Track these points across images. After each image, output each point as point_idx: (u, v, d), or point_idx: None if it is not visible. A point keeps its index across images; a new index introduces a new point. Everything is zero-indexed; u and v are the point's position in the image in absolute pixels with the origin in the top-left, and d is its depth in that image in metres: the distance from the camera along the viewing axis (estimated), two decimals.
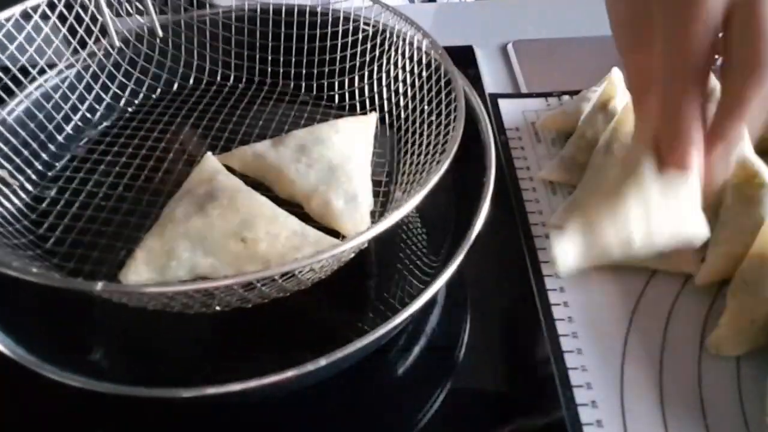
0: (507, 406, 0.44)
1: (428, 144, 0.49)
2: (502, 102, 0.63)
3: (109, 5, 0.55)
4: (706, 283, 0.47)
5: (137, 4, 0.57)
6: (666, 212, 0.38)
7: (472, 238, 0.43)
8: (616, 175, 0.40)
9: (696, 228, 0.40)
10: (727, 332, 0.43)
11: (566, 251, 0.40)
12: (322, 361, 0.37)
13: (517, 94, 0.65)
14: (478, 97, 0.52)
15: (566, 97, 0.63)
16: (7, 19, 0.49)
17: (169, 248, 0.43)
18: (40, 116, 0.53)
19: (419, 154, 0.50)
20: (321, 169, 0.49)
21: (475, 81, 0.66)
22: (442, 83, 0.50)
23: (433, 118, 0.50)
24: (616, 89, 0.54)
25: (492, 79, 0.68)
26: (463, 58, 0.68)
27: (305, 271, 0.39)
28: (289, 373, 0.37)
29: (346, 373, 0.42)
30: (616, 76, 0.55)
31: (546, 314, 0.47)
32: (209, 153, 0.51)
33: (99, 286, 0.34)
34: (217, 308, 0.41)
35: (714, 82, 0.53)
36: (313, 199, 0.48)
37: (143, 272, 0.43)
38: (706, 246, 0.48)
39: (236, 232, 0.43)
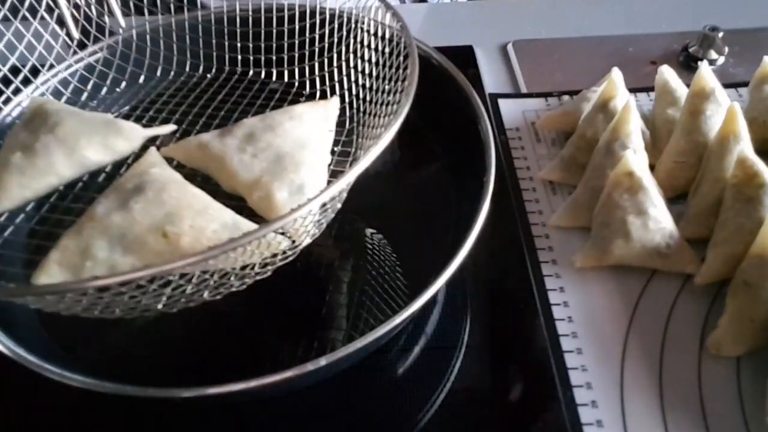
0: (507, 406, 0.44)
1: (383, 126, 0.46)
2: (502, 102, 0.63)
3: None
4: (706, 283, 0.47)
5: None
6: None
7: (473, 238, 0.43)
8: None
9: None
10: (727, 332, 0.43)
11: None
12: (322, 361, 0.37)
13: (517, 94, 0.65)
14: (478, 97, 0.52)
15: (566, 97, 0.63)
16: None
17: (85, 247, 0.40)
18: None
19: (374, 137, 0.46)
20: (266, 159, 0.45)
21: (475, 81, 0.66)
22: (401, 59, 0.47)
23: (391, 97, 0.47)
24: (616, 89, 0.54)
25: (492, 79, 0.68)
26: (463, 58, 0.68)
27: (223, 265, 0.36)
28: (289, 373, 0.37)
29: (346, 373, 0.42)
30: (616, 76, 0.55)
31: (546, 314, 0.47)
32: (152, 147, 0.48)
33: None
34: (146, 313, 0.38)
35: (714, 83, 0.53)
36: (254, 190, 0.44)
37: (56, 274, 0.40)
38: (706, 246, 0.48)
39: (158, 226, 0.40)
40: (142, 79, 0.58)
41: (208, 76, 0.59)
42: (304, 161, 0.45)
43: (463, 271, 0.45)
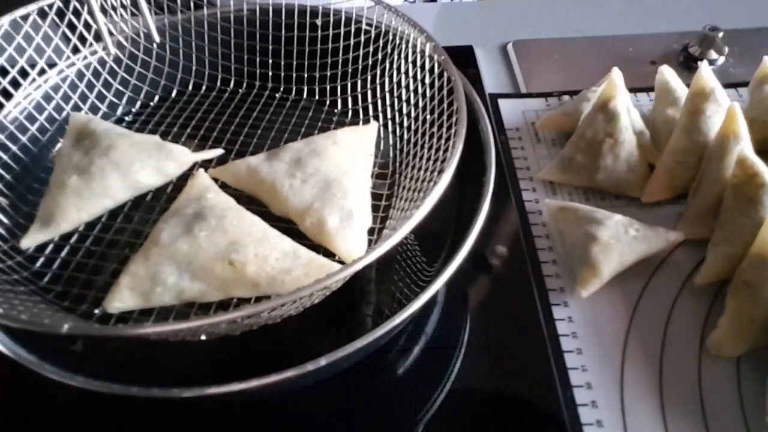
0: (507, 406, 0.44)
1: (428, 159, 0.47)
2: (502, 102, 0.63)
3: (103, 11, 0.53)
4: (706, 283, 0.47)
5: (132, 9, 0.55)
6: None
7: (473, 238, 0.43)
8: None
9: None
10: (727, 332, 0.43)
11: None
12: (322, 361, 0.37)
13: (517, 94, 0.65)
14: (478, 97, 0.52)
15: (566, 97, 0.63)
16: None
17: (154, 273, 0.41)
18: (32, 129, 0.52)
19: (420, 169, 0.48)
20: (315, 185, 0.47)
21: (475, 81, 0.66)
22: (445, 91, 0.48)
23: (435, 129, 0.48)
24: (616, 89, 0.54)
25: (492, 79, 0.68)
26: (463, 58, 0.68)
27: (288, 305, 0.38)
28: (289, 373, 0.37)
29: (346, 373, 0.42)
30: (616, 76, 0.55)
31: (546, 315, 0.47)
32: (201, 169, 0.49)
33: (65, 328, 0.34)
34: (203, 337, 0.40)
35: (714, 82, 0.53)
36: (306, 217, 0.45)
37: (127, 299, 0.42)
38: (706, 246, 0.48)
39: (224, 254, 0.42)
40: (174, 92, 0.59)
41: (240, 91, 0.59)
42: (350, 187, 0.47)
43: (463, 271, 0.45)
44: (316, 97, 0.58)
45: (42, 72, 0.53)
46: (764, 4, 0.76)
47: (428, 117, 0.50)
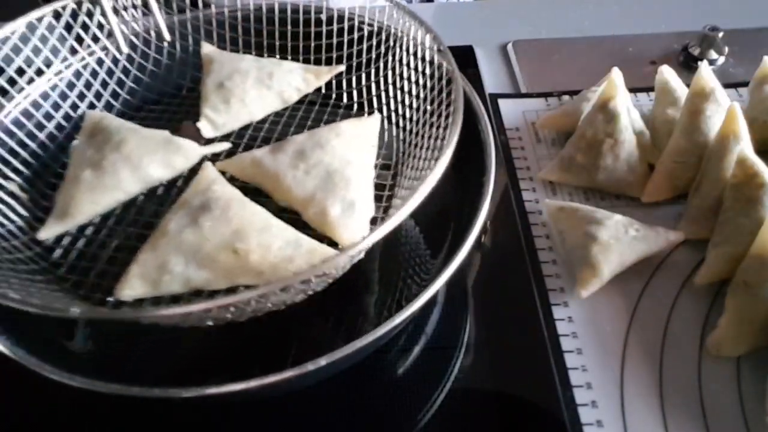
0: (507, 406, 0.44)
1: (428, 147, 0.48)
2: (502, 102, 0.63)
3: (115, 12, 0.55)
4: (706, 283, 0.47)
5: (143, 9, 0.56)
6: None
7: (472, 238, 0.43)
8: None
9: None
10: (727, 332, 0.43)
11: None
12: (322, 361, 0.37)
13: (517, 94, 0.65)
14: (478, 97, 0.52)
15: (566, 97, 0.63)
16: (13, 32, 0.50)
17: (162, 262, 0.43)
18: (49, 126, 0.53)
19: (419, 158, 0.48)
20: (318, 176, 0.48)
21: (475, 81, 0.66)
22: (444, 82, 0.49)
23: (434, 119, 0.49)
24: (616, 89, 0.54)
25: (492, 79, 0.68)
26: (463, 58, 0.68)
27: (293, 289, 0.39)
28: (289, 373, 0.37)
29: (346, 373, 0.42)
30: (616, 76, 0.55)
31: (546, 315, 0.47)
32: (208, 162, 0.50)
33: (75, 312, 0.35)
34: (209, 323, 0.40)
35: (714, 83, 0.53)
36: (309, 207, 0.46)
37: (137, 287, 0.43)
38: (706, 246, 0.48)
39: (228, 243, 0.43)
40: (185, 90, 0.59)
41: None
42: (352, 177, 0.48)
43: (463, 271, 0.45)
44: (323, 91, 0.58)
45: (40, 72, 0.53)
46: (764, 4, 0.76)
47: (428, 108, 0.50)
